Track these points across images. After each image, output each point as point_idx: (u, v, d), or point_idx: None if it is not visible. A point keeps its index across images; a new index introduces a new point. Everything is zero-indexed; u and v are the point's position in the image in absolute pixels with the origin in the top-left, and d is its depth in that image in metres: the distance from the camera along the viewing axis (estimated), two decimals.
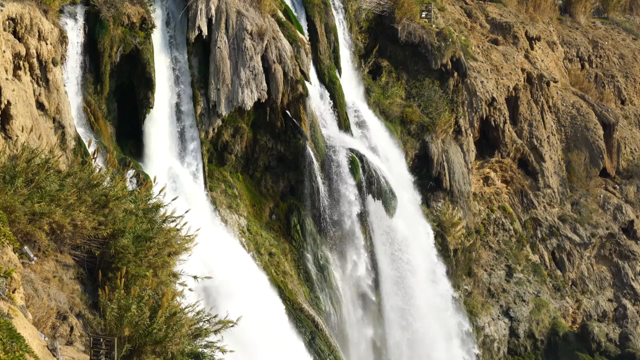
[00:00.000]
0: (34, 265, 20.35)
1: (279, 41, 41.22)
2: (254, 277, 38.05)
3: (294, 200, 42.55)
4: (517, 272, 55.12)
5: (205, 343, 21.48)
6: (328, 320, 41.64)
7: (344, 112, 45.81)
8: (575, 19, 70.95)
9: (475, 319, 51.58)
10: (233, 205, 40.41)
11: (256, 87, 39.96)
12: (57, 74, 31.73)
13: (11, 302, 16.70)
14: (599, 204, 60.48)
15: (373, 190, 43.98)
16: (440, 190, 50.63)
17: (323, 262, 42.57)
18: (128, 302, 19.82)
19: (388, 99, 50.29)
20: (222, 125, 40.24)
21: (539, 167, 58.19)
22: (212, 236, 34.42)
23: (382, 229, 44.95)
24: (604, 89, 67.43)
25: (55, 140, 29.40)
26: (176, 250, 23.33)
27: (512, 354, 53.15)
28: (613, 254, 59.69)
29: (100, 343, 18.93)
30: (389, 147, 48.18)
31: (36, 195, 20.93)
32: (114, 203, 22.57)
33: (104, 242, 22.17)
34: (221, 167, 41.07)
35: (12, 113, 27.64)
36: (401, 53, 52.14)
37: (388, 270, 45.09)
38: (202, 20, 39.03)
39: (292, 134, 41.85)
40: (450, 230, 50.07)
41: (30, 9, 30.34)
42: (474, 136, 54.64)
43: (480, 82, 54.82)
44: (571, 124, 62.00)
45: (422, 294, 46.45)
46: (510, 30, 61.48)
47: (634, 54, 70.88)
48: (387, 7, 51.96)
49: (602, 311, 57.67)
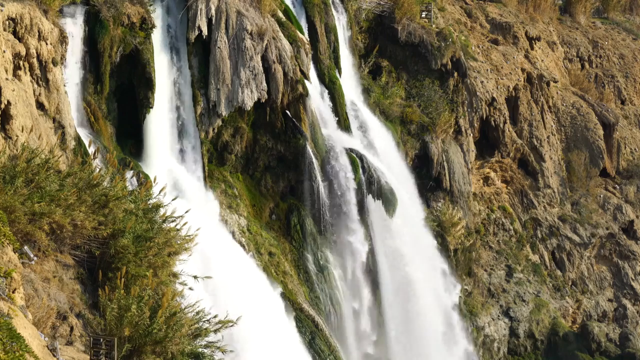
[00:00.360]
0: (34, 265, 20.35)
1: (279, 41, 41.22)
2: (254, 277, 38.04)
3: (294, 200, 42.55)
4: (517, 272, 55.11)
5: (205, 343, 21.48)
6: (328, 320, 41.64)
7: (344, 112, 45.81)
8: (575, 19, 70.95)
9: (475, 319, 51.58)
10: (233, 205, 40.41)
11: (256, 87, 39.96)
12: (57, 74, 31.72)
13: (11, 302, 16.70)
14: (599, 204, 60.48)
15: (373, 190, 43.98)
16: (440, 190, 50.63)
17: (323, 262, 42.57)
18: (128, 302, 19.82)
19: (388, 99, 50.30)
20: (222, 125, 40.24)
21: (539, 167, 58.19)
22: (212, 236, 34.39)
23: (382, 228, 44.94)
24: (604, 89, 67.44)
25: (55, 140, 29.39)
26: (176, 250, 23.33)
27: (512, 354, 53.14)
28: (613, 254, 59.69)
29: (100, 343, 18.93)
30: (389, 147, 48.18)
31: (36, 195, 20.92)
32: (114, 203, 22.56)
33: (104, 242, 22.16)
34: (221, 167, 41.06)
35: (12, 113, 27.64)
36: (401, 53, 52.15)
37: (388, 269, 45.08)
38: (202, 20, 39.03)
39: (292, 134, 41.85)
40: (450, 230, 50.07)
41: (30, 9, 30.34)
42: (474, 136, 54.64)
43: (480, 82, 54.82)
44: (571, 124, 61.99)
45: (422, 294, 46.44)
46: (510, 30, 61.48)
47: (634, 54, 70.89)
48: (387, 7, 51.97)
49: (602, 311, 57.66)
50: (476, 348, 50.72)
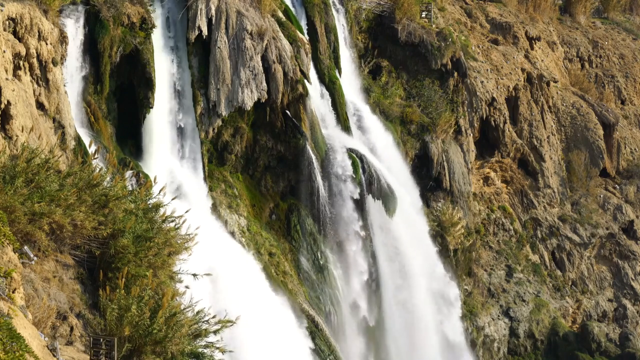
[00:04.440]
0: (34, 265, 20.33)
1: (279, 41, 41.22)
2: (254, 277, 38.04)
3: (294, 200, 42.56)
4: (517, 272, 55.11)
5: (205, 343, 21.47)
6: (328, 320, 41.65)
7: (344, 112, 45.81)
8: (575, 19, 70.96)
9: (475, 319, 51.58)
10: (233, 205, 40.41)
11: (256, 87, 39.96)
12: (57, 74, 31.72)
13: (11, 302, 16.69)
14: (599, 204, 60.49)
15: (373, 190, 43.99)
16: (440, 190, 50.64)
17: (323, 262, 42.58)
18: (128, 302, 19.81)
19: (388, 99, 50.30)
20: (222, 125, 40.25)
21: (539, 167, 58.19)
22: (212, 236, 34.40)
23: (382, 228, 44.96)
24: (604, 89, 67.45)
25: (55, 140, 29.38)
26: (176, 250, 23.31)
27: (512, 354, 53.14)
28: (613, 254, 59.69)
29: (100, 343, 18.92)
30: (389, 147, 48.19)
31: (36, 195, 20.90)
32: (114, 203, 22.54)
33: (104, 242, 22.14)
34: (221, 167, 41.07)
35: (12, 113, 27.63)
36: (401, 53, 52.16)
37: (388, 269, 45.10)
38: (202, 20, 39.03)
39: (292, 134, 41.86)
40: (450, 230, 50.07)
41: (30, 9, 30.33)
42: (474, 136, 54.65)
43: (480, 82, 54.82)
44: (571, 124, 62.00)
45: (421, 294, 46.46)
46: (510, 30, 61.49)
47: (634, 54, 70.90)
48: (387, 7, 51.98)
49: (602, 311, 57.66)
50: (476, 348, 50.72)
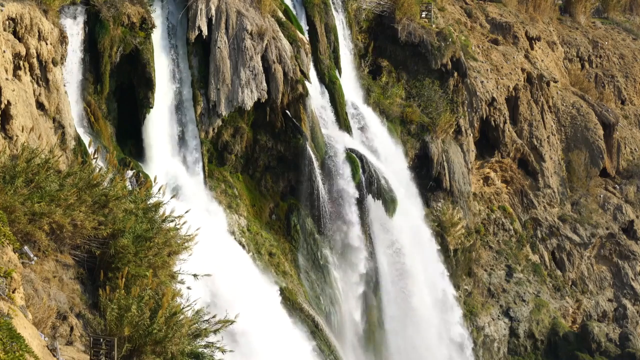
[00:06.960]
0: (34, 265, 20.33)
1: (279, 41, 41.22)
2: (254, 277, 38.05)
3: (294, 200, 42.55)
4: (517, 272, 55.12)
5: (205, 343, 21.49)
6: (328, 320, 41.66)
7: (343, 112, 45.82)
8: (575, 19, 70.96)
9: (475, 319, 51.59)
10: (233, 205, 40.41)
11: (256, 87, 39.96)
12: (57, 74, 31.72)
13: (11, 302, 16.70)
14: (599, 204, 60.49)
15: (373, 190, 43.99)
16: (440, 190, 50.62)
17: (323, 262, 42.58)
18: (128, 302, 19.82)
19: (388, 99, 50.30)
20: (222, 125, 40.25)
21: (539, 167, 58.20)
22: (212, 236, 34.39)
23: (382, 228, 44.97)
24: (604, 89, 67.45)
25: (55, 140, 29.39)
26: (176, 250, 23.32)
27: (512, 354, 53.15)
28: (613, 254, 59.69)
29: (100, 343, 18.93)
30: (389, 147, 48.18)
31: (36, 195, 20.91)
32: (114, 203, 22.56)
33: (104, 242, 22.15)
34: (221, 167, 41.07)
35: (12, 113, 27.64)
36: (401, 53, 52.15)
37: (388, 269, 45.10)
38: (202, 20, 39.03)
39: (292, 134, 41.86)
40: (450, 230, 50.07)
41: (30, 9, 30.33)
42: (474, 136, 54.64)
43: (480, 82, 54.82)
44: (571, 124, 62.00)
45: (421, 294, 46.46)
46: (510, 30, 61.48)
47: (634, 54, 70.89)
48: (387, 7, 51.96)
49: (602, 311, 57.67)
50: (476, 348, 50.72)
